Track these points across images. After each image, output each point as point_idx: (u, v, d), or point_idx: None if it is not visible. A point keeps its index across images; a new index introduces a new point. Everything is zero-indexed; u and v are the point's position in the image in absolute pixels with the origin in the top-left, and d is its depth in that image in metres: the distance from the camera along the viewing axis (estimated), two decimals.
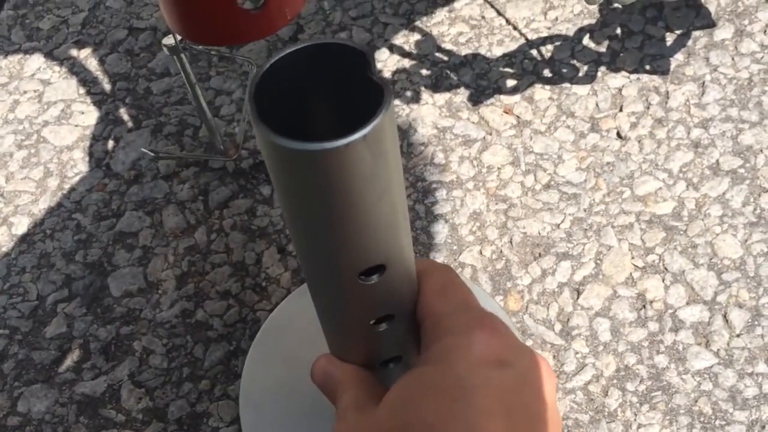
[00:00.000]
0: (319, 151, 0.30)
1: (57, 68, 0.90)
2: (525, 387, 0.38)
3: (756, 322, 0.66)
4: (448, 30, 0.88)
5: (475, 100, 0.82)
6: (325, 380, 0.46)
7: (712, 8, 0.86)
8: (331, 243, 0.35)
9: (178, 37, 0.67)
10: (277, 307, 0.68)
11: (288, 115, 0.35)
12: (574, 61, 0.84)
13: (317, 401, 0.50)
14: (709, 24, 0.85)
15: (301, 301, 0.67)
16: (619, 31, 0.86)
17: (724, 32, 0.85)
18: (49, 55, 0.91)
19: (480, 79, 0.84)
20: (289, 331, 0.67)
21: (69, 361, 0.69)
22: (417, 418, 0.36)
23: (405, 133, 0.81)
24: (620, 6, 0.87)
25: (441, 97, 0.83)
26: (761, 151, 0.76)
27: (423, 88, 0.84)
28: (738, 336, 0.66)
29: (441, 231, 0.74)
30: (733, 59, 0.82)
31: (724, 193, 0.73)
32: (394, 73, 0.85)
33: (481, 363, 0.37)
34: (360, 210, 0.34)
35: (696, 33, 0.85)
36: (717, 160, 0.76)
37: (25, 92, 0.88)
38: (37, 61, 0.91)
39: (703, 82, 0.81)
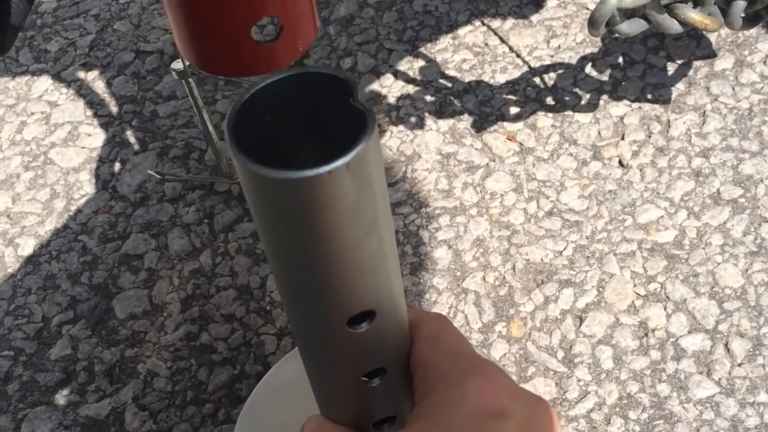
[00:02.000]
0: (299, 180, 0.28)
1: (64, 90, 0.91)
2: None
3: (757, 352, 0.67)
4: (452, 57, 0.89)
5: (479, 126, 0.83)
6: None
7: (712, 39, 0.88)
8: (315, 284, 0.33)
9: (187, 62, 0.68)
10: (265, 375, 0.66)
11: (270, 145, 0.33)
12: (577, 89, 0.85)
13: None
14: (710, 54, 0.87)
15: (291, 367, 0.65)
16: (621, 60, 0.87)
17: (724, 62, 0.86)
18: (57, 77, 0.92)
19: (483, 105, 0.85)
20: (278, 399, 0.64)
21: (73, 383, 0.70)
22: None
23: (409, 158, 0.81)
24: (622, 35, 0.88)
25: (445, 123, 0.84)
26: (761, 180, 0.77)
27: (427, 114, 0.85)
28: (739, 365, 0.66)
29: (444, 257, 0.74)
30: (733, 89, 0.84)
31: (724, 223, 0.74)
32: (399, 98, 0.86)
33: (477, 415, 0.35)
34: (345, 246, 0.31)
35: (697, 63, 0.86)
36: (718, 190, 0.76)
37: (32, 114, 0.89)
38: (44, 82, 0.92)
39: (704, 112, 0.82)
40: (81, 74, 0.92)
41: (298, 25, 0.42)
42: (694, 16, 0.68)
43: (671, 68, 0.86)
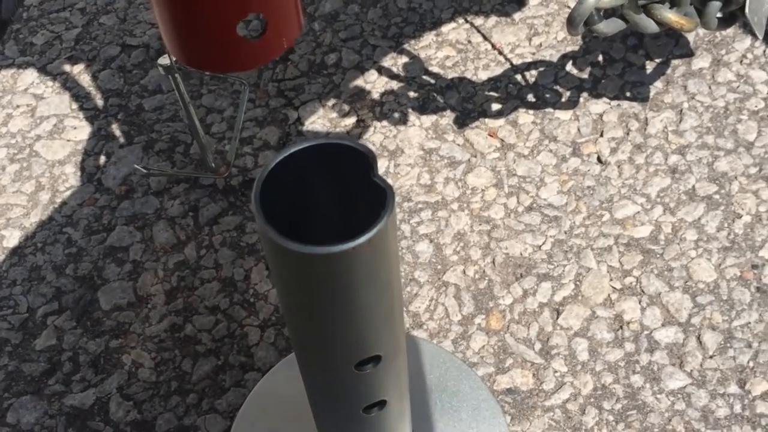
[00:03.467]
0: (324, 255, 0.31)
1: (50, 83, 0.91)
2: None
3: (728, 344, 0.69)
4: (436, 53, 0.91)
5: (461, 122, 0.85)
6: None
7: (690, 38, 0.89)
8: (330, 337, 0.37)
9: (173, 57, 0.69)
10: (260, 381, 0.68)
11: (289, 208, 0.36)
12: (557, 87, 0.87)
13: None
14: (688, 53, 0.88)
15: (286, 375, 0.67)
16: (601, 58, 0.89)
17: (701, 61, 0.87)
18: (43, 70, 0.93)
19: (466, 102, 0.86)
20: (273, 406, 0.66)
21: (58, 373, 0.71)
22: None
23: (392, 153, 0.83)
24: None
25: (427, 119, 0.85)
26: (736, 177, 0.78)
27: (410, 110, 0.86)
28: (711, 357, 0.68)
29: (426, 250, 0.75)
30: (710, 88, 0.85)
31: (699, 218, 0.76)
32: (382, 94, 0.87)
33: None
34: (361, 306, 0.35)
35: (675, 62, 0.88)
36: (693, 186, 0.78)
37: (18, 106, 0.89)
38: (30, 75, 0.92)
39: (681, 110, 0.84)
40: (67, 67, 0.93)
41: (282, 21, 0.43)
42: (671, 16, 0.70)
43: (650, 67, 0.88)
